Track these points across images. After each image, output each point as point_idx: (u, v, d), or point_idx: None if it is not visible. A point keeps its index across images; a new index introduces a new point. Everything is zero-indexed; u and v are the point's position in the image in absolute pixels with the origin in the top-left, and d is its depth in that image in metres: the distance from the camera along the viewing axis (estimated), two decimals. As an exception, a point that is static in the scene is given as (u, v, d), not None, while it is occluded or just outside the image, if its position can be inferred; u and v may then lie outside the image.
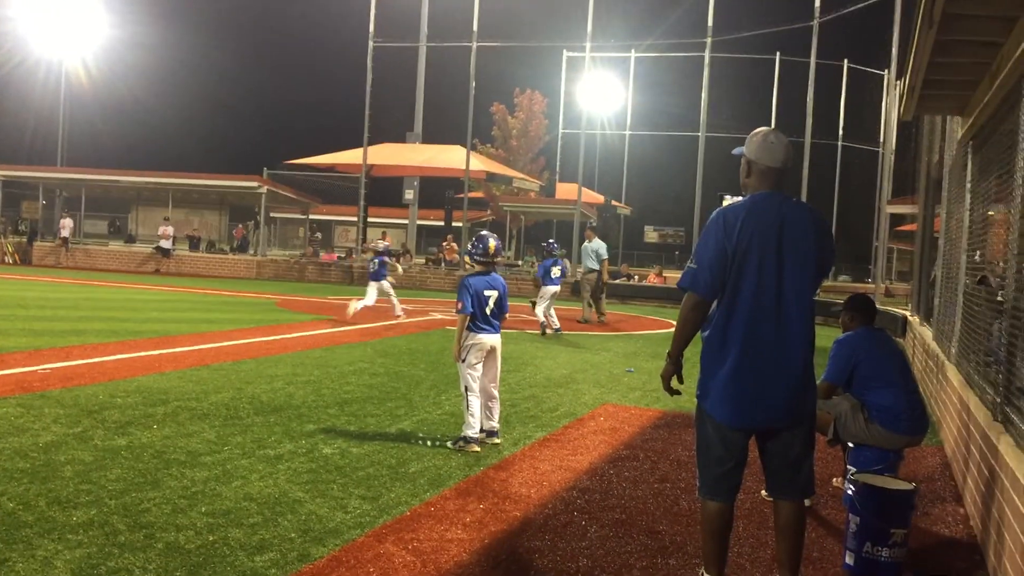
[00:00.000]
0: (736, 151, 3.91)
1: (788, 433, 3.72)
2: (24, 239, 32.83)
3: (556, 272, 15.33)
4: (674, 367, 3.84)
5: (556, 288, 15.22)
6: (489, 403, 6.62)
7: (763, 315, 3.63)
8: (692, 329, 3.74)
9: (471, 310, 6.52)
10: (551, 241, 17.06)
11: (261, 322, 14.48)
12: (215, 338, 11.89)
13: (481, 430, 6.51)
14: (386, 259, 16.08)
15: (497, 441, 6.59)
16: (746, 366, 3.63)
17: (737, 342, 3.64)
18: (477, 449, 6.32)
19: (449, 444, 6.41)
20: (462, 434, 6.42)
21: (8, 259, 30.76)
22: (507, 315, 6.83)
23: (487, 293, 6.58)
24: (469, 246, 7.08)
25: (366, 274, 17.29)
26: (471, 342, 6.55)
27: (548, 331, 14.60)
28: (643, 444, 6.93)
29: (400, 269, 19.99)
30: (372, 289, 15.51)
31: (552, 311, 14.93)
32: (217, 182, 34.26)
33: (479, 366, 6.55)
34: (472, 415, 6.40)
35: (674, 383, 3.85)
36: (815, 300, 3.77)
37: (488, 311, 6.57)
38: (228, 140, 77.70)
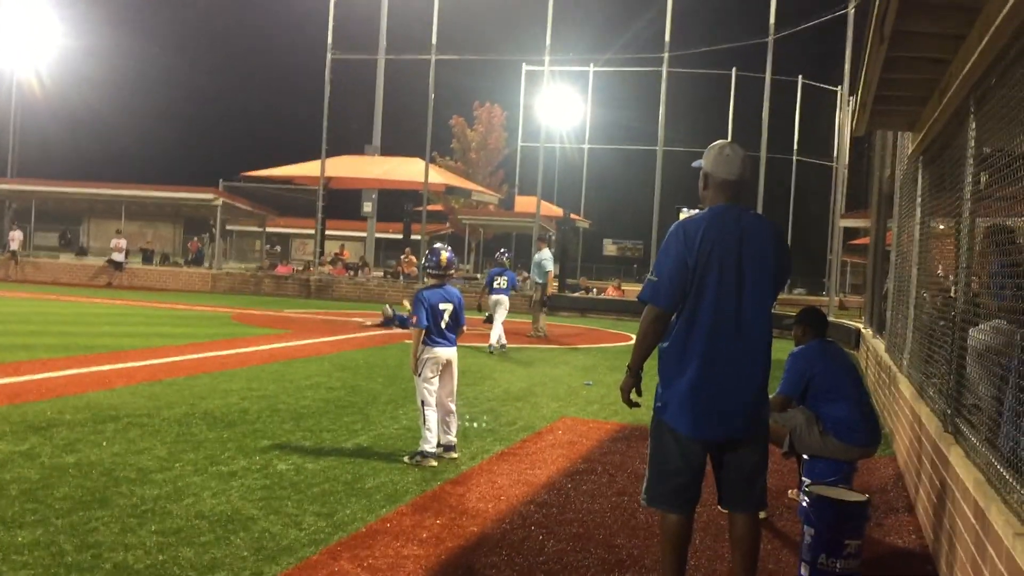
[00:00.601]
0: (696, 164, 3.94)
1: (745, 446, 3.73)
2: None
3: (501, 282, 14.55)
4: (634, 380, 3.84)
5: (497, 297, 14.37)
6: (447, 417, 6.58)
7: (723, 327, 3.65)
8: (652, 342, 3.75)
9: (426, 323, 6.49)
10: (503, 250, 16.54)
11: (216, 336, 14.29)
12: (168, 352, 11.71)
13: (438, 444, 6.46)
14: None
15: (455, 456, 6.55)
16: (707, 378, 3.64)
17: (698, 354, 3.65)
18: (434, 464, 6.28)
19: (406, 459, 6.35)
20: (419, 449, 6.37)
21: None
22: (464, 328, 6.79)
23: (442, 306, 6.56)
24: (423, 260, 7.05)
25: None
26: (427, 356, 6.51)
27: (494, 346, 13.86)
28: (601, 457, 6.93)
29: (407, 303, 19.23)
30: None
31: (496, 325, 14.10)
32: (172, 194, 33.83)
33: (435, 380, 6.53)
34: (429, 429, 6.35)
35: (633, 396, 3.85)
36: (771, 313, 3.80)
37: (443, 324, 6.55)
38: (184, 152, 76.76)
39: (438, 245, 7.04)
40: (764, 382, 3.74)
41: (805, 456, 5.48)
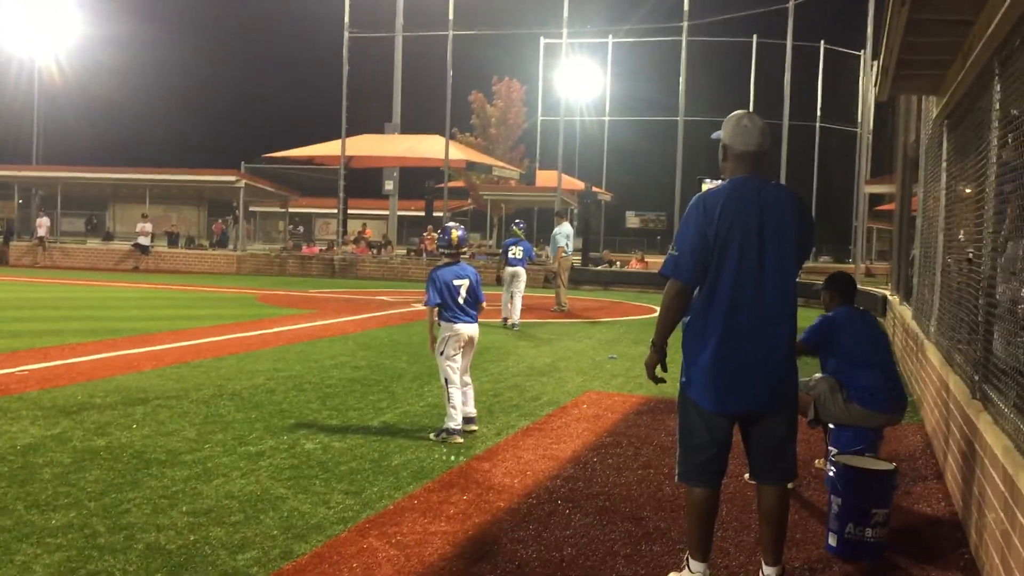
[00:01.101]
0: (715, 135, 3.89)
1: (771, 418, 3.71)
2: (0, 239, 32.49)
3: (516, 252, 14.23)
4: (658, 355, 3.80)
5: (514, 269, 14.05)
6: (464, 389, 6.59)
7: (744, 300, 3.62)
8: (675, 316, 3.73)
9: (436, 302, 6.53)
10: (517, 220, 16.19)
11: (242, 317, 14.40)
12: (195, 335, 11.81)
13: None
14: None
15: (474, 428, 6.59)
16: (728, 351, 3.62)
17: (718, 328, 3.63)
18: (460, 440, 6.31)
19: (432, 436, 6.39)
20: (444, 426, 6.40)
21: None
22: (483, 304, 6.81)
23: (456, 283, 6.55)
24: (437, 239, 7.10)
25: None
26: (448, 333, 6.53)
27: (508, 322, 13.69)
28: (626, 430, 6.93)
29: None
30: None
31: (515, 300, 13.86)
32: (194, 177, 34.03)
33: (458, 357, 6.55)
34: (454, 407, 6.39)
35: (658, 371, 3.84)
36: (797, 282, 3.77)
37: (461, 300, 6.53)
38: (204, 137, 77.00)
39: (450, 224, 7.06)
40: (789, 354, 3.71)
41: (831, 425, 5.45)
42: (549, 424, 7.07)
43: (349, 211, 32.17)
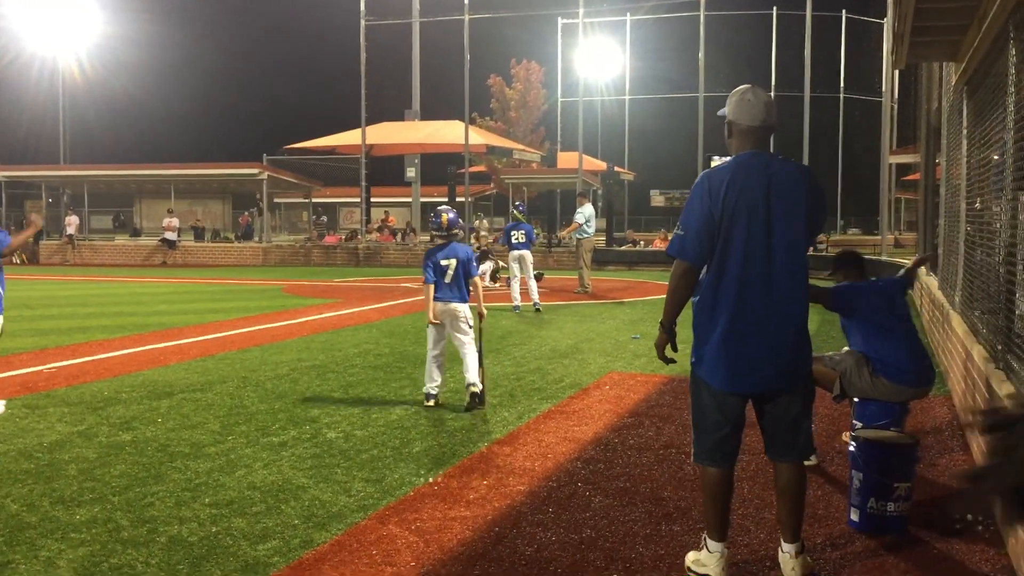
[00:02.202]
0: (721, 112, 3.84)
1: (785, 396, 3.67)
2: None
3: (518, 236, 14.09)
4: (667, 336, 3.78)
5: (519, 253, 13.94)
6: (466, 360, 7.05)
7: (753, 277, 3.58)
8: (683, 296, 3.70)
9: (433, 280, 7.03)
10: (517, 203, 16.00)
11: (267, 309, 14.49)
12: (221, 328, 11.91)
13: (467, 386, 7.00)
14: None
15: (475, 390, 6.92)
16: (738, 330, 3.59)
17: (727, 306, 3.59)
18: (429, 404, 6.93)
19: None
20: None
21: (16, 259, 30.80)
22: (477, 277, 7.27)
23: (444, 263, 7.02)
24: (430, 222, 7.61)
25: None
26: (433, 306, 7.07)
27: (518, 308, 13.69)
28: (648, 410, 6.91)
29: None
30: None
31: (530, 284, 13.93)
32: (218, 171, 34.21)
33: (433, 328, 7.06)
34: (426, 372, 7.06)
35: (668, 352, 3.81)
36: (811, 257, 3.72)
37: (448, 279, 7.01)
38: (226, 130, 77.48)
39: (441, 207, 7.46)
40: (800, 331, 3.66)
41: (856, 399, 5.40)
42: (571, 406, 7.07)
43: (372, 199, 32.24)
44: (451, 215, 7.26)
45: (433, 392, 7.02)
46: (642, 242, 31.13)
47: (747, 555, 3.99)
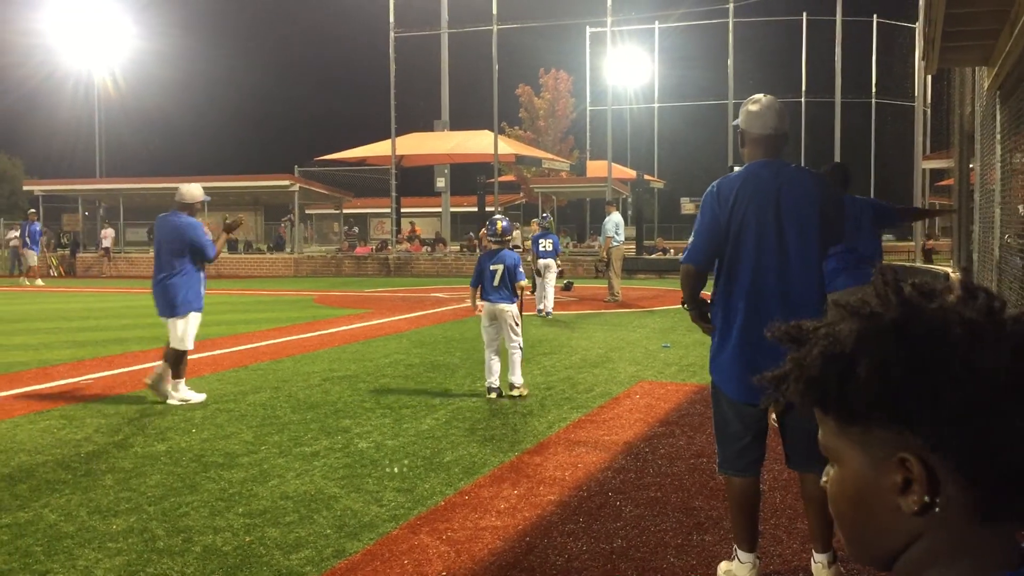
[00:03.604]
0: (734, 123, 3.85)
1: None
2: (67, 251, 33.40)
3: (546, 245, 14.75)
4: (696, 310, 3.83)
5: (545, 262, 14.54)
6: (504, 357, 7.72)
7: (766, 285, 3.58)
8: (692, 291, 3.78)
9: (477, 283, 7.87)
10: (544, 214, 16.63)
11: (299, 319, 14.61)
12: (253, 338, 12.02)
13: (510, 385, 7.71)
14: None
15: (513, 393, 7.65)
16: (751, 338, 3.58)
17: (741, 315, 3.60)
18: (491, 396, 7.56)
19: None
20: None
21: (53, 272, 31.31)
22: (521, 283, 7.85)
23: (492, 268, 7.74)
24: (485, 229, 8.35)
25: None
26: (482, 307, 7.87)
27: (543, 312, 14.31)
28: (679, 419, 6.89)
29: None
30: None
31: (547, 290, 14.48)
32: (250, 183, 34.58)
33: (489, 329, 7.77)
34: (485, 367, 7.72)
35: (709, 321, 3.84)
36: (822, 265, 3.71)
37: (496, 283, 7.68)
38: (257, 143, 78.41)
39: (496, 216, 8.16)
40: None
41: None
42: (601, 415, 7.06)
43: (402, 209, 32.43)
44: (505, 223, 7.97)
45: (495, 385, 7.65)
46: (672, 250, 31.00)
47: (779, 566, 3.96)
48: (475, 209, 35.04)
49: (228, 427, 6.67)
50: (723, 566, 3.82)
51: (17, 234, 32.90)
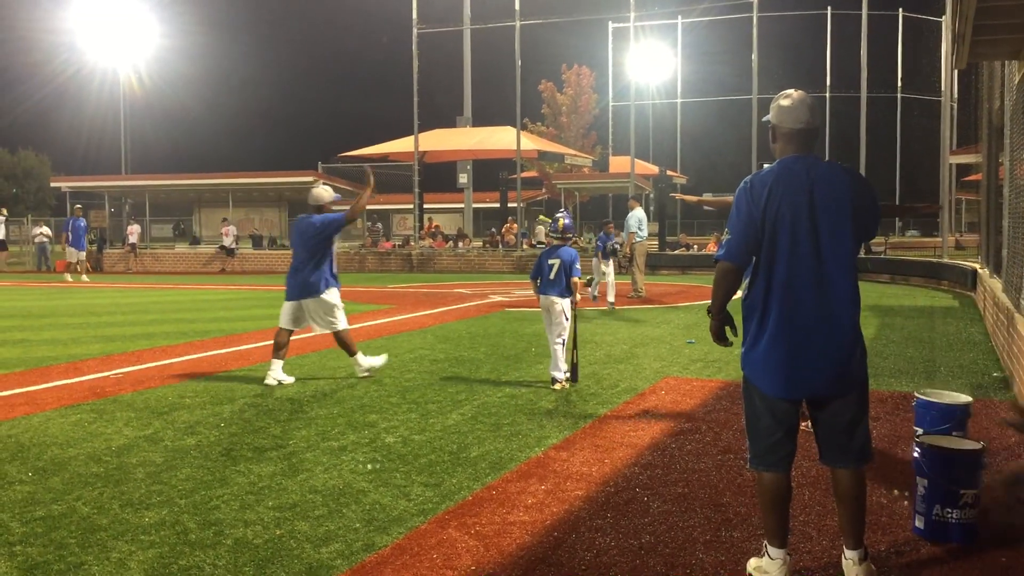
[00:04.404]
0: (765, 119, 3.83)
1: (837, 401, 3.62)
2: (94, 247, 33.73)
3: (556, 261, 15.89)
4: (719, 321, 3.86)
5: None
6: (554, 349, 8.00)
7: (801, 281, 3.56)
8: (727, 292, 3.77)
9: (534, 277, 8.22)
10: (562, 211, 17.07)
11: (323, 315, 14.64)
12: (279, 334, 12.05)
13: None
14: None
15: (555, 388, 7.89)
16: (786, 334, 3.57)
17: (776, 311, 3.59)
18: (556, 387, 7.89)
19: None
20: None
21: (78, 267, 31.61)
22: (576, 279, 7.97)
23: (550, 263, 8.01)
24: (548, 226, 8.66)
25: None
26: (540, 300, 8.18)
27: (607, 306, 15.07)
28: (705, 415, 6.87)
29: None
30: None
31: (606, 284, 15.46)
32: (274, 180, 34.81)
33: (545, 318, 8.15)
34: (552, 358, 8.04)
35: (728, 334, 3.87)
36: (869, 259, 3.69)
37: (552, 277, 7.97)
38: (281, 139, 78.93)
39: (559, 213, 8.42)
40: (851, 335, 3.59)
41: (915, 404, 5.32)
42: (627, 411, 7.06)
43: (425, 205, 32.48)
44: (567, 221, 8.23)
45: (559, 377, 7.95)
46: (695, 246, 30.90)
47: (810, 562, 3.95)
48: (497, 205, 35.09)
49: (256, 422, 6.71)
50: (753, 562, 3.81)
51: (44, 229, 33.34)
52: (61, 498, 4.88)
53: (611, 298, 15.15)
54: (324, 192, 8.83)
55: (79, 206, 27.75)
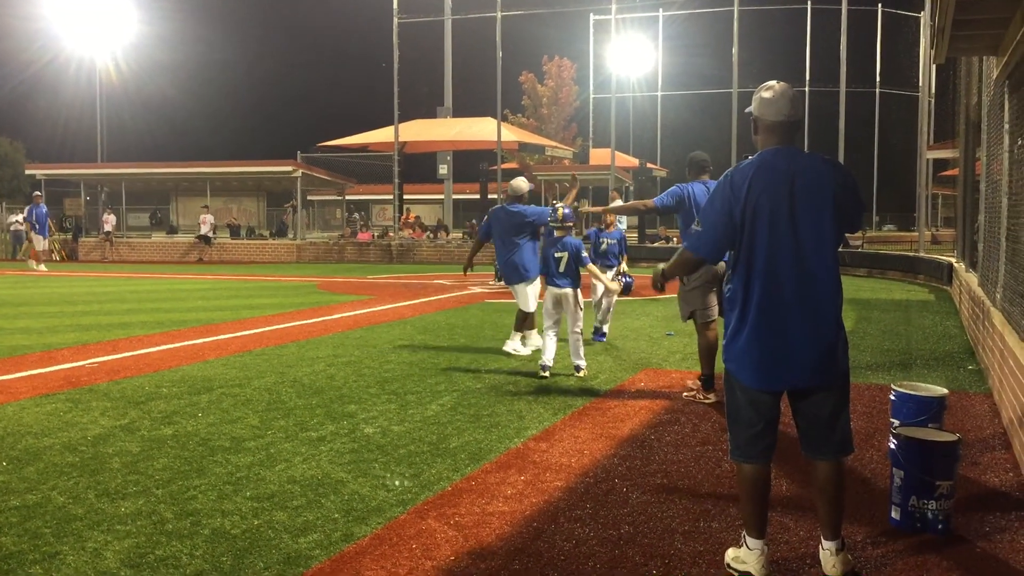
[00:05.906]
0: (748, 110, 3.83)
1: (819, 393, 3.64)
2: (69, 236, 33.39)
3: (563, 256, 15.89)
4: (662, 279, 4.22)
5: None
6: (575, 343, 8.20)
7: (781, 274, 3.57)
8: (683, 273, 4.02)
9: (541, 272, 8.50)
10: (557, 204, 17.10)
11: (302, 305, 14.62)
12: (257, 324, 12.03)
13: (575, 367, 8.19)
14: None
15: (581, 375, 8.11)
16: (766, 326, 3.58)
17: (756, 303, 3.59)
18: (544, 375, 8.03)
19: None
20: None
21: (55, 256, 31.32)
22: (588, 266, 8.35)
23: (556, 256, 8.18)
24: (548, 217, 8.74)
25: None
26: (547, 291, 8.32)
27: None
28: (684, 407, 6.89)
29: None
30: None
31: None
32: (252, 169, 34.54)
33: (551, 309, 8.25)
34: (540, 348, 8.32)
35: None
36: (847, 253, 3.71)
37: (561, 269, 8.13)
38: (260, 128, 78.24)
39: (557, 204, 8.66)
40: (832, 327, 3.61)
41: (892, 396, 5.36)
42: (606, 403, 7.07)
43: (405, 196, 32.39)
44: (567, 210, 8.32)
45: (549, 364, 8.11)
46: (674, 238, 30.96)
47: (787, 552, 3.97)
48: (477, 196, 35.02)
49: (234, 412, 6.67)
50: (731, 552, 3.83)
51: (19, 218, 32.95)
52: (36, 488, 4.83)
53: (597, 296, 14.95)
54: (523, 183, 9.44)
55: (38, 193, 27.37)
